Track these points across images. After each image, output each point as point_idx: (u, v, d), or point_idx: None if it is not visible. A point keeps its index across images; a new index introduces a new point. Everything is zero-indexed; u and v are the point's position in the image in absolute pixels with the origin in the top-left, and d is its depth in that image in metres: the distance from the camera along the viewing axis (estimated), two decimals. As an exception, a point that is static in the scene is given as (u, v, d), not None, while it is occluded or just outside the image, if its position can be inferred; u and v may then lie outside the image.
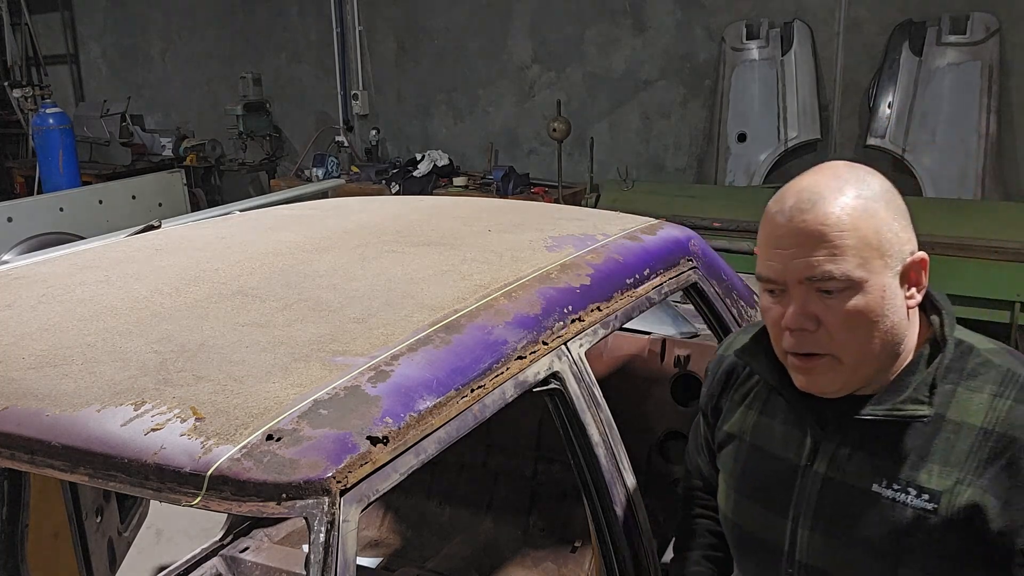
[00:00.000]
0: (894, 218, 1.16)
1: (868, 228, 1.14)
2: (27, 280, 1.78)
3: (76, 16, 9.84)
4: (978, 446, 1.13)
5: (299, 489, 1.10)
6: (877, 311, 1.15)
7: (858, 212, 1.14)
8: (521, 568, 2.81)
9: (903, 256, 1.16)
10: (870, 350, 1.17)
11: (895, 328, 1.17)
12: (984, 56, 5.57)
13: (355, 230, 2.10)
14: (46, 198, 7.08)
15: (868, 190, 1.16)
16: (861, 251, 1.13)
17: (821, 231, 1.14)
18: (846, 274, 1.13)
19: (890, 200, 1.17)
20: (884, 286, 1.15)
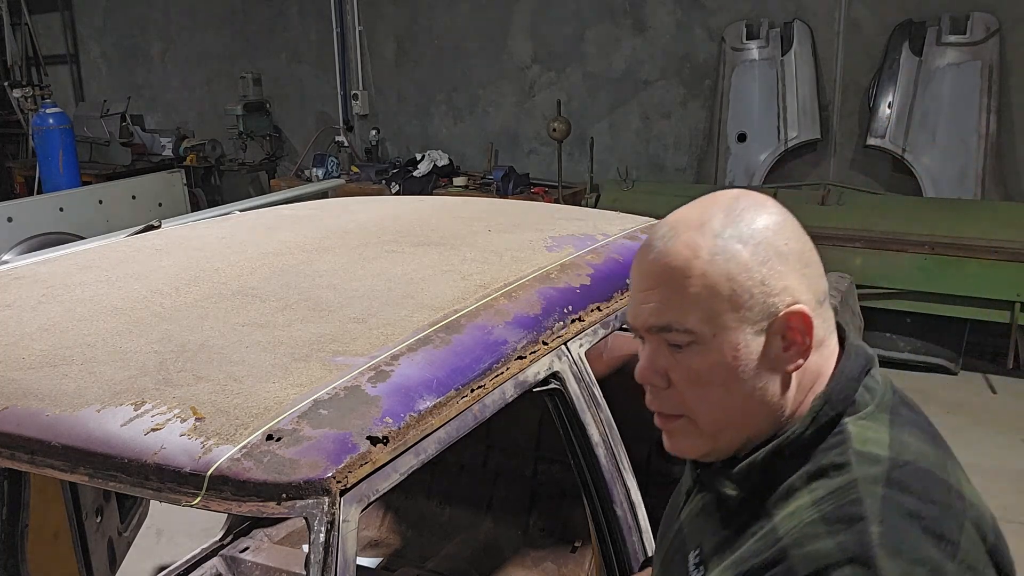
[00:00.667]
0: (762, 263, 0.96)
1: (718, 274, 0.96)
2: (27, 280, 1.78)
3: (76, 16, 9.84)
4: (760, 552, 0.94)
5: (299, 489, 1.10)
6: (729, 373, 0.98)
7: (710, 255, 0.97)
8: (521, 568, 2.81)
9: (770, 310, 0.97)
10: (727, 416, 1.00)
11: (759, 393, 0.99)
12: (984, 56, 5.57)
13: (355, 230, 2.10)
14: (46, 198, 7.08)
15: (737, 229, 0.98)
16: (708, 302, 0.97)
17: (665, 274, 0.99)
18: (687, 327, 0.97)
19: (765, 242, 0.98)
20: (738, 344, 0.97)
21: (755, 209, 1.01)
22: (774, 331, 0.98)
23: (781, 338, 0.98)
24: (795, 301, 0.97)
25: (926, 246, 5.06)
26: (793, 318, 0.97)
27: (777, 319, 0.97)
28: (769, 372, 0.99)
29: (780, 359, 0.99)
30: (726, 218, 0.99)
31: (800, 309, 0.97)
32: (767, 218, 1.00)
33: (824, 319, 1.01)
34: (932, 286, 5.07)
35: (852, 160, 6.25)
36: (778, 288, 0.97)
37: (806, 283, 0.99)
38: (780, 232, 0.99)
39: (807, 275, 1.00)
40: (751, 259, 0.97)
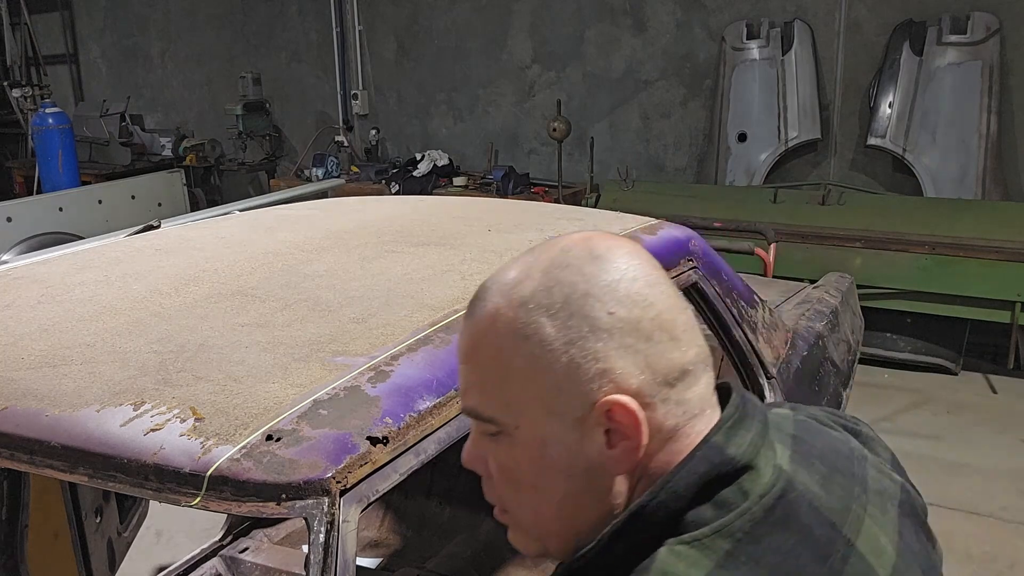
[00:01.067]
0: (572, 343, 0.77)
1: (518, 356, 0.79)
2: (26, 280, 1.78)
3: (76, 16, 9.83)
4: None
5: (299, 489, 1.10)
6: (537, 472, 0.81)
7: (509, 330, 0.79)
8: (521, 568, 2.81)
9: (583, 399, 0.78)
10: (544, 521, 0.84)
11: (582, 498, 0.81)
12: (985, 56, 5.57)
13: (355, 230, 2.10)
14: (45, 198, 7.09)
15: (547, 295, 0.79)
16: (506, 386, 0.80)
17: (468, 349, 0.84)
18: (487, 414, 0.83)
19: (580, 312, 0.78)
20: (545, 439, 0.80)
21: (582, 265, 0.80)
22: (592, 424, 0.79)
23: (604, 433, 0.79)
24: (620, 388, 0.77)
25: (927, 246, 5.06)
26: (616, 410, 0.77)
27: (593, 410, 0.78)
28: (593, 473, 0.80)
29: (606, 458, 0.80)
30: (543, 278, 0.80)
31: (619, 400, 0.77)
32: (592, 278, 0.79)
33: (681, 403, 0.80)
34: (933, 286, 5.07)
35: (852, 160, 6.25)
36: (592, 372, 0.77)
37: (641, 362, 0.78)
38: (607, 296, 0.79)
39: (645, 351, 0.78)
40: (557, 337, 0.78)
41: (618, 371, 0.78)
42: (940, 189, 5.70)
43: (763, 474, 0.80)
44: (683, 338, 0.81)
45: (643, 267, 0.82)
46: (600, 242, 0.83)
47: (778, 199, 5.72)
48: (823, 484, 0.84)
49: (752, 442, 0.82)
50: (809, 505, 0.81)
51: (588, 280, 0.79)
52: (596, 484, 0.81)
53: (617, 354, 0.78)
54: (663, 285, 0.82)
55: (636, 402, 0.78)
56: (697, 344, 0.83)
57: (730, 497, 0.78)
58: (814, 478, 0.84)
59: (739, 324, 2.21)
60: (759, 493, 0.79)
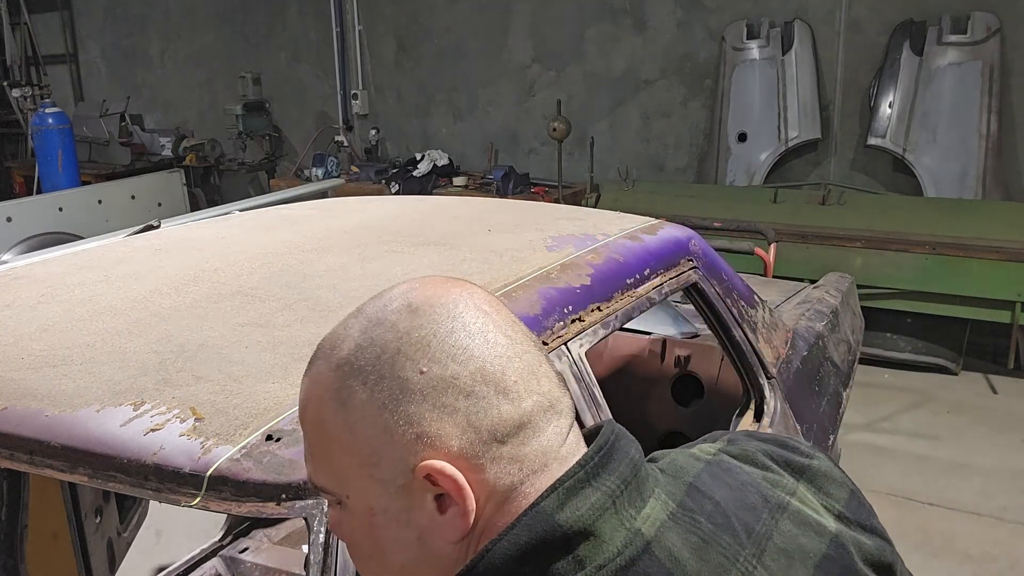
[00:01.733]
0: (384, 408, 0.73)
1: (336, 423, 0.75)
2: (26, 280, 1.77)
3: (75, 16, 9.83)
4: None
5: (299, 489, 1.10)
6: (371, 542, 0.77)
7: (327, 394, 0.76)
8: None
9: (402, 466, 0.73)
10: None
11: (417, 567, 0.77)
12: (985, 56, 5.57)
13: (355, 230, 2.10)
14: (45, 198, 7.09)
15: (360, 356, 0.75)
16: (329, 454, 0.76)
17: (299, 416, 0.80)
18: (318, 484, 0.79)
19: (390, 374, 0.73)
20: (373, 509, 0.76)
21: (397, 320, 0.75)
22: (418, 491, 0.74)
23: (435, 498, 0.74)
24: (436, 453, 0.72)
25: (927, 246, 5.06)
26: (435, 476, 0.72)
27: (414, 477, 0.73)
28: (426, 542, 0.75)
29: (436, 524, 0.74)
30: (359, 337, 0.76)
31: (435, 466, 0.72)
32: (406, 335, 0.74)
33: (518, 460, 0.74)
34: (933, 286, 5.07)
35: (853, 160, 6.25)
36: (408, 437, 0.72)
37: (461, 421, 0.72)
38: (417, 355, 0.73)
39: (465, 409, 0.73)
40: (368, 401, 0.73)
41: (434, 434, 0.72)
42: (940, 189, 5.70)
43: (607, 541, 0.73)
44: (514, 389, 0.74)
45: (466, 316, 0.75)
46: (422, 291, 0.77)
47: (778, 199, 5.72)
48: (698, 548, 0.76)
49: (596, 504, 0.74)
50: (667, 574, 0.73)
51: (400, 337, 0.74)
52: (432, 553, 0.76)
53: (432, 416, 0.72)
54: (490, 333, 0.75)
55: (454, 467, 0.72)
56: (538, 392, 0.76)
57: (562, 569, 0.71)
58: (689, 540, 0.76)
59: (739, 324, 2.21)
60: (598, 564, 0.71)
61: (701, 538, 0.76)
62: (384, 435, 0.73)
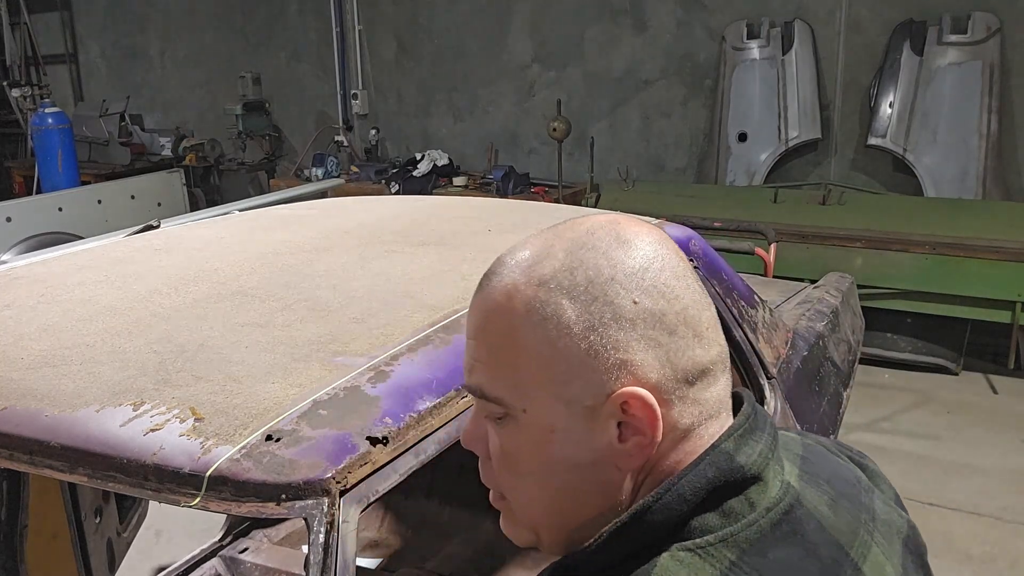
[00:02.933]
0: (592, 329, 0.73)
1: (533, 338, 0.75)
2: (26, 280, 1.77)
3: (75, 16, 9.83)
4: None
5: (299, 490, 1.10)
6: (539, 460, 0.77)
7: (526, 309, 0.75)
8: (521, 569, 2.80)
9: (598, 389, 0.74)
10: (541, 511, 0.80)
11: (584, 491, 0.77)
12: (985, 56, 5.57)
13: (354, 230, 2.10)
14: (45, 198, 7.09)
15: (570, 276, 0.75)
16: (517, 367, 0.76)
17: (480, 324, 0.80)
18: (493, 395, 0.78)
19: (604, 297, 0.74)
20: (552, 427, 0.76)
21: (608, 249, 0.76)
22: (605, 415, 0.74)
23: (617, 425, 0.75)
24: (635, 381, 0.73)
25: (927, 246, 5.06)
26: (632, 403, 0.73)
27: (608, 401, 0.74)
28: (599, 467, 0.76)
29: (615, 452, 0.75)
30: (565, 259, 0.76)
31: (637, 393, 0.73)
32: (619, 264, 0.75)
33: (699, 403, 0.76)
34: (933, 286, 5.07)
35: (853, 160, 6.25)
36: (611, 362, 0.73)
37: (663, 356, 0.74)
38: (632, 284, 0.74)
39: (667, 345, 0.74)
40: (577, 321, 0.73)
41: (638, 363, 0.73)
42: (940, 189, 5.70)
43: (771, 487, 0.76)
44: (706, 336, 0.77)
45: (671, 257, 0.78)
46: (628, 227, 0.79)
47: (778, 199, 5.72)
48: (831, 506, 0.80)
49: (761, 453, 0.77)
50: (817, 524, 0.77)
51: (614, 265, 0.75)
52: (600, 479, 0.76)
53: (639, 345, 0.74)
54: (690, 279, 0.78)
55: (654, 397, 0.74)
56: (719, 343, 0.79)
57: (737, 507, 0.74)
58: (822, 498, 0.80)
59: (739, 324, 2.21)
60: (766, 506, 0.75)
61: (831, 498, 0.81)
62: (586, 356, 0.73)
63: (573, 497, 0.78)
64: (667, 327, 0.74)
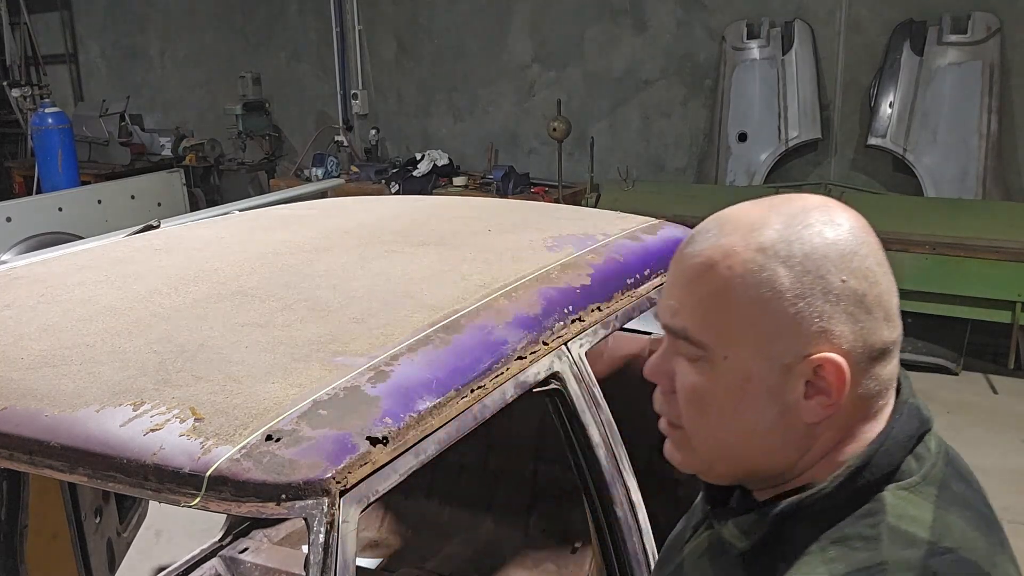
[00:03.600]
0: (802, 297, 0.82)
1: (746, 296, 0.83)
2: (26, 280, 1.77)
3: (75, 16, 9.83)
4: None
5: (299, 489, 1.10)
6: (731, 401, 0.86)
7: (743, 270, 0.84)
8: (521, 568, 2.80)
9: (798, 350, 0.83)
10: (722, 445, 0.90)
11: (767, 433, 0.87)
12: (985, 56, 5.57)
13: (354, 230, 2.10)
14: (45, 198, 7.09)
15: (788, 247, 0.84)
16: (726, 319, 0.85)
17: (692, 275, 0.87)
18: (697, 338, 0.87)
19: (816, 271, 0.83)
20: (749, 375, 0.85)
21: (822, 229, 0.85)
22: (798, 373, 0.84)
23: (805, 383, 0.84)
24: (832, 348, 0.83)
25: (927, 246, 5.06)
26: (826, 366, 0.83)
27: (804, 362, 0.83)
28: (780, 413, 0.86)
29: (798, 406, 0.85)
30: (784, 230, 0.85)
31: (834, 360, 0.83)
32: (831, 244, 0.84)
33: (877, 377, 0.86)
34: (933, 286, 5.07)
35: (853, 160, 6.25)
36: (815, 329, 0.83)
37: (857, 331, 0.84)
38: (841, 265, 0.83)
39: (863, 322, 0.84)
40: (790, 288, 0.83)
41: (837, 334, 0.83)
42: (940, 189, 5.70)
43: (936, 438, 0.91)
44: (893, 319, 0.87)
45: (874, 245, 0.88)
46: (840, 212, 0.88)
47: (778, 199, 5.71)
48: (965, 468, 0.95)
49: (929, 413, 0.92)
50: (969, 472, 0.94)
51: (828, 245, 0.84)
52: (781, 426, 0.86)
53: (840, 319, 0.83)
54: (886, 266, 0.88)
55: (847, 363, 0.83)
56: (899, 328, 0.89)
57: (922, 452, 0.88)
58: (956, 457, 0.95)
59: (739, 324, 2.21)
60: (936, 451, 0.89)
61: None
62: (793, 320, 0.83)
63: (754, 440, 0.88)
64: (865, 307, 0.84)
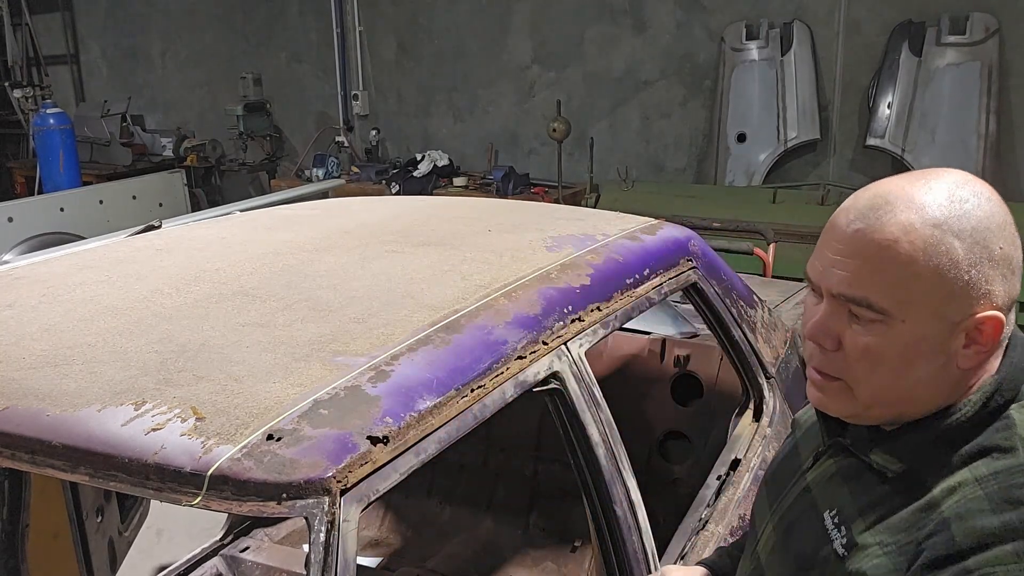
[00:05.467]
0: (973, 265, 0.96)
1: (928, 267, 0.96)
2: (28, 280, 1.78)
3: (76, 16, 9.84)
4: (920, 524, 0.98)
5: (299, 489, 1.10)
6: (904, 358, 0.99)
7: (924, 244, 0.96)
8: (521, 568, 2.81)
9: (967, 310, 0.97)
10: (888, 394, 1.02)
11: (929, 381, 1.01)
12: (984, 56, 5.57)
13: (355, 230, 2.10)
14: (47, 198, 7.09)
15: (958, 222, 0.96)
16: (909, 288, 0.97)
17: (870, 249, 0.98)
18: (879, 306, 0.98)
19: (982, 242, 0.96)
20: (924, 335, 0.98)
21: (979, 203, 0.98)
22: (962, 329, 0.98)
23: (965, 335, 0.98)
24: (993, 306, 0.97)
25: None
26: (987, 323, 0.98)
27: (970, 320, 0.97)
28: (943, 363, 1.00)
29: (958, 354, 0.99)
30: (949, 206, 0.97)
31: (996, 316, 0.98)
32: (990, 216, 0.98)
33: (1009, 323, 1.02)
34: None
35: (852, 160, 6.26)
36: (982, 291, 0.97)
37: (1007, 289, 0.99)
38: (999, 234, 0.98)
39: (1010, 281, 0.99)
40: (964, 258, 0.96)
41: (996, 293, 0.98)
42: (940, 189, 5.70)
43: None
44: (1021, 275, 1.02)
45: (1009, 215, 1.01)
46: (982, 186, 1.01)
47: (777, 199, 5.72)
48: None
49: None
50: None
51: (988, 217, 0.98)
52: (943, 372, 1.00)
53: (998, 280, 0.98)
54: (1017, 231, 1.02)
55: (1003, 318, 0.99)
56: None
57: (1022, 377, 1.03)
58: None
59: (738, 324, 2.21)
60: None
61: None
62: (966, 286, 0.96)
63: (918, 388, 1.01)
64: (1013, 268, 0.99)
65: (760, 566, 1.20)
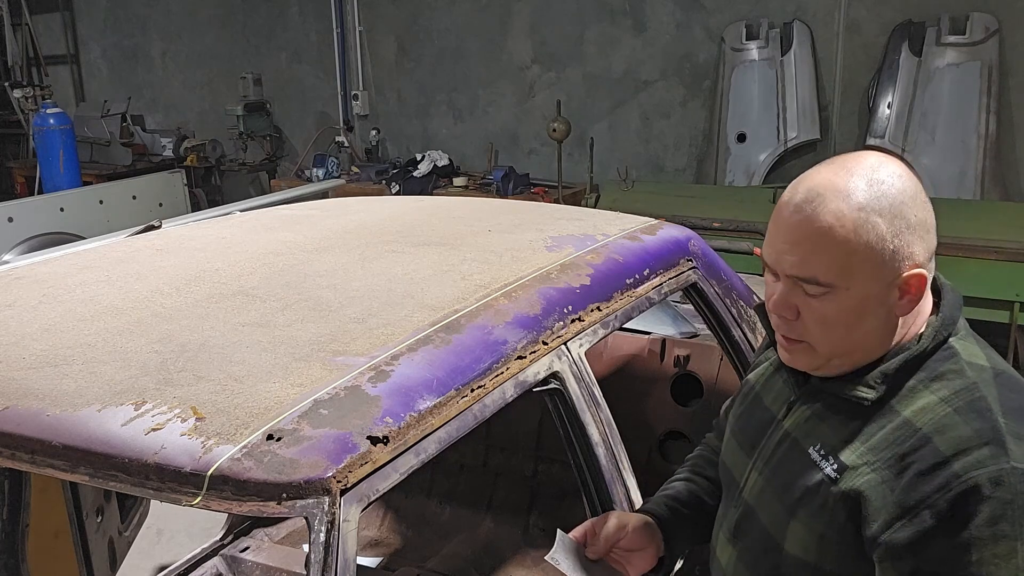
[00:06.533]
0: (896, 235, 1.15)
1: (860, 244, 1.14)
2: (28, 280, 1.78)
3: (76, 16, 9.84)
4: (900, 440, 1.15)
5: (299, 489, 1.10)
6: (853, 317, 1.18)
7: (854, 226, 1.14)
8: (521, 568, 2.81)
9: (897, 272, 1.16)
10: (844, 347, 1.22)
11: (876, 331, 1.21)
12: (983, 56, 5.57)
13: (355, 230, 2.10)
14: (47, 198, 7.08)
15: (878, 202, 1.15)
16: (847, 263, 1.15)
17: (811, 235, 1.16)
18: (825, 281, 1.16)
19: (900, 214, 1.15)
20: (867, 295, 1.17)
21: (893, 182, 1.16)
22: (895, 286, 1.16)
23: (898, 290, 1.17)
24: (916, 265, 1.16)
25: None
26: (913, 279, 1.16)
27: (900, 278, 1.16)
28: (885, 316, 1.19)
29: (896, 306, 1.19)
30: (868, 189, 1.15)
31: (920, 273, 1.16)
32: (903, 191, 1.16)
33: (930, 271, 1.20)
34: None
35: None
36: (905, 254, 1.15)
37: (924, 246, 1.17)
38: (912, 205, 1.16)
39: (926, 239, 1.17)
40: (888, 231, 1.14)
41: (917, 253, 1.16)
42: (939, 189, 5.70)
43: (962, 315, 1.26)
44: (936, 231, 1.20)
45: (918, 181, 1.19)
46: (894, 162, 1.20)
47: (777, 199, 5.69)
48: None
49: None
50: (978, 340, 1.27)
51: (902, 192, 1.16)
52: (885, 322, 1.20)
53: (917, 243, 1.16)
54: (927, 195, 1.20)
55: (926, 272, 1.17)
56: None
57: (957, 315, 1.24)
58: None
59: (738, 324, 2.22)
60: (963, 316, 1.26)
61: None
62: (893, 253, 1.15)
63: (868, 339, 1.20)
64: (928, 228, 1.18)
65: (750, 508, 1.33)
